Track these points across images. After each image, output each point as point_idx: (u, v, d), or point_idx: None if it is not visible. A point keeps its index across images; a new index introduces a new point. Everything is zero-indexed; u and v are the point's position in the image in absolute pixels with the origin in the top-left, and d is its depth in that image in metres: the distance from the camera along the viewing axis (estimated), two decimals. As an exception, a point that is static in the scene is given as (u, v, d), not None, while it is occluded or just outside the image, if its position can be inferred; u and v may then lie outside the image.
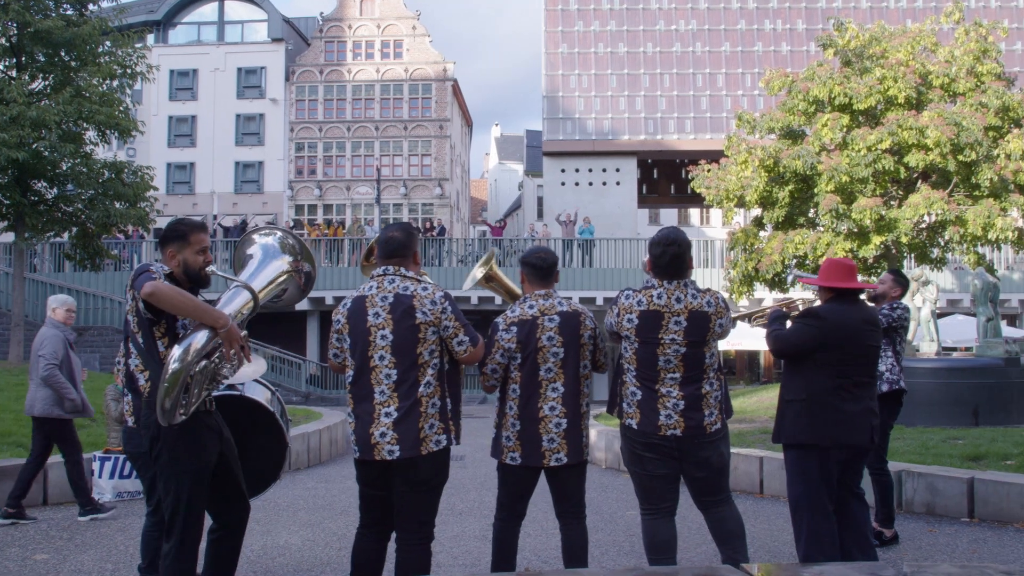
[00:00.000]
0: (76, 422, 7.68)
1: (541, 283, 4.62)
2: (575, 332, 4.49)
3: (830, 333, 4.56)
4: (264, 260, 4.38)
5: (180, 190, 37.77)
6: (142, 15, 36.75)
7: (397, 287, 4.12)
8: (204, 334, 3.79)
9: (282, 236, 4.54)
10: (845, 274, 4.73)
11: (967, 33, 17.29)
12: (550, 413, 4.41)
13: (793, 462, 4.70)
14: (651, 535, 4.39)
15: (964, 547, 6.05)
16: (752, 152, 17.20)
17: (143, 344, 3.95)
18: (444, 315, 4.10)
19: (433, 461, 4.07)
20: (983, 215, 15.83)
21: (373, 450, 4.02)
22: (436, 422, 4.06)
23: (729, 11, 33.91)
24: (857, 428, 4.59)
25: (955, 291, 26.92)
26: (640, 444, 4.34)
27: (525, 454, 4.43)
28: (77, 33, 17.29)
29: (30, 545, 6.29)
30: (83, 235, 18.80)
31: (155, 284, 3.74)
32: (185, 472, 3.93)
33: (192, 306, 3.81)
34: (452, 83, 38.92)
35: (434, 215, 37.25)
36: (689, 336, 4.27)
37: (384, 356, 4.05)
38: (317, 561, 5.86)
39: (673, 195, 36.86)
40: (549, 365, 4.43)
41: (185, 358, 3.72)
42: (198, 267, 4.06)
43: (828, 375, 4.56)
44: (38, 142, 16.93)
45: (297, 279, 4.48)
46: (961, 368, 11.92)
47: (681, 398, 4.27)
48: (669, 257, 4.30)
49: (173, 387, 3.69)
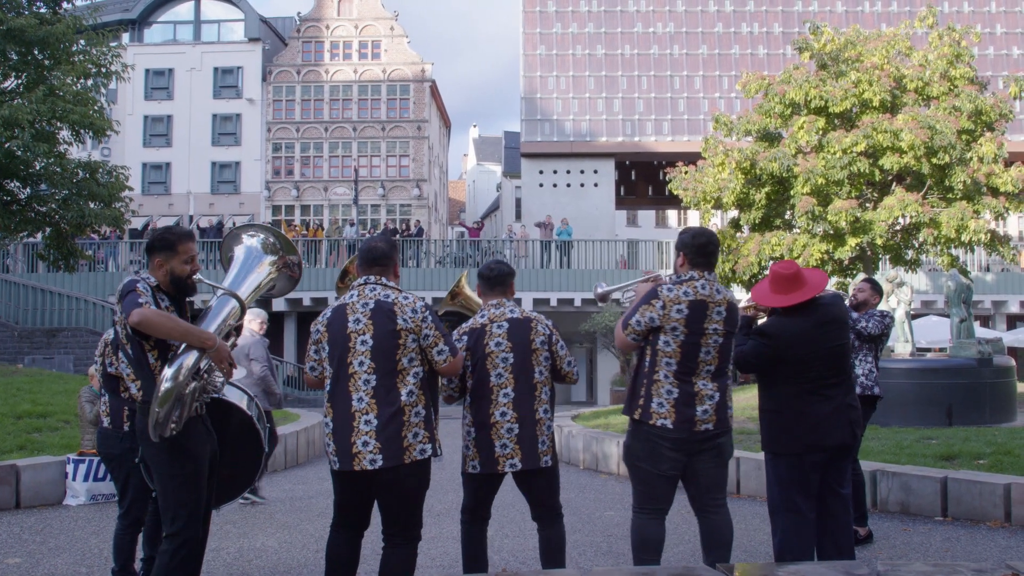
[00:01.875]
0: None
1: (492, 293, 4.70)
2: (525, 338, 4.53)
3: (783, 348, 4.56)
4: (248, 262, 4.41)
5: (156, 190, 37.45)
6: (117, 14, 36.40)
7: (378, 294, 4.13)
8: (193, 355, 3.89)
9: (263, 237, 4.55)
10: (784, 285, 4.63)
11: (940, 38, 17.46)
12: (501, 419, 4.43)
13: (768, 467, 4.76)
14: (643, 533, 4.40)
15: (938, 545, 6.11)
16: (729, 154, 17.29)
17: (133, 355, 3.99)
18: (424, 324, 4.10)
19: (417, 471, 4.05)
20: (956, 217, 15.99)
21: (354, 460, 3.97)
22: (421, 431, 4.04)
23: (706, 14, 34.09)
24: (832, 428, 4.60)
25: (929, 292, 27.20)
26: (670, 442, 4.32)
27: (483, 461, 4.46)
28: (51, 31, 17.09)
29: (2, 549, 6.22)
30: (57, 235, 18.59)
31: (142, 313, 3.80)
32: (180, 475, 3.97)
33: (180, 331, 3.90)
34: (430, 84, 38.85)
35: (412, 216, 37.16)
36: (727, 326, 4.38)
37: (364, 362, 4.03)
38: (294, 563, 5.83)
39: (651, 197, 36.98)
40: (499, 371, 4.47)
41: (176, 378, 3.83)
42: (185, 276, 4.09)
43: (792, 384, 4.59)
44: (11, 141, 16.71)
45: (288, 272, 4.52)
46: (935, 369, 12.04)
47: (716, 390, 4.35)
48: (714, 246, 4.46)
49: (165, 403, 3.81)
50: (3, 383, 13.36)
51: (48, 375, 15.99)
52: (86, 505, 7.89)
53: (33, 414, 10.76)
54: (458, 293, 5.29)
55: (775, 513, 4.70)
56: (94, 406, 7.95)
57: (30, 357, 22.67)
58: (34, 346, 23.76)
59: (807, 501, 4.62)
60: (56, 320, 24.95)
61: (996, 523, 6.64)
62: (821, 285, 4.69)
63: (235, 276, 4.36)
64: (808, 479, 4.59)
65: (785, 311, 4.65)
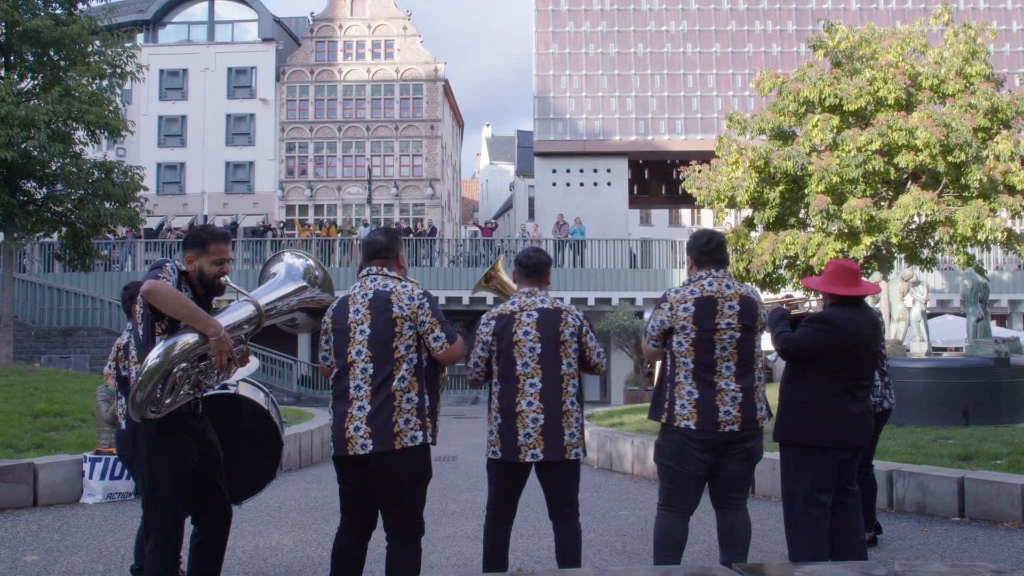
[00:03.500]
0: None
1: (527, 281, 4.71)
2: (554, 329, 4.54)
3: (842, 338, 4.59)
4: (282, 281, 4.40)
5: (170, 190, 37.64)
6: (132, 15, 36.59)
7: (378, 284, 4.19)
8: (192, 337, 3.83)
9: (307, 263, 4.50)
10: (850, 279, 4.73)
11: (956, 35, 17.36)
12: (527, 408, 4.44)
13: (792, 460, 4.72)
14: (666, 531, 4.43)
15: (955, 546, 6.07)
16: (743, 153, 17.24)
17: (142, 337, 3.98)
18: (421, 310, 4.13)
19: (408, 457, 4.05)
20: (972, 216, 15.90)
21: (347, 444, 4.04)
22: (412, 417, 4.06)
23: (720, 12, 33.99)
24: (858, 429, 4.66)
25: (945, 291, 27.05)
26: (696, 443, 4.35)
27: (504, 448, 4.47)
28: (66, 32, 17.19)
29: (20, 547, 6.26)
30: (73, 235, 18.69)
31: (154, 283, 3.81)
32: (161, 471, 3.94)
33: (185, 311, 3.85)
34: (443, 83, 38.89)
35: (425, 215, 37.22)
36: (742, 320, 4.39)
37: (361, 351, 4.08)
38: (309, 562, 5.85)
39: (664, 196, 36.93)
40: (526, 360, 4.48)
41: (167, 355, 3.75)
42: (213, 276, 4.11)
43: (834, 378, 4.60)
44: (27, 142, 16.81)
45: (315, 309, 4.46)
46: (951, 368, 11.96)
47: (740, 390, 4.35)
48: (716, 244, 4.50)
49: (147, 382, 3.72)
50: (20, 382, 13.45)
51: (65, 374, 16.07)
52: (103, 503, 7.94)
53: (50, 413, 10.82)
54: (493, 276, 5.29)
55: (792, 507, 4.67)
56: (110, 405, 8.01)
57: (47, 356, 22.83)
58: (51, 345, 23.93)
59: (828, 497, 4.63)
60: (72, 319, 25.11)
61: (1014, 524, 6.59)
62: (874, 290, 4.89)
63: (264, 289, 4.37)
64: (831, 475, 4.62)
65: (842, 304, 4.72)
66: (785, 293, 6.11)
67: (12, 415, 10.45)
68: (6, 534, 6.68)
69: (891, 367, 6.43)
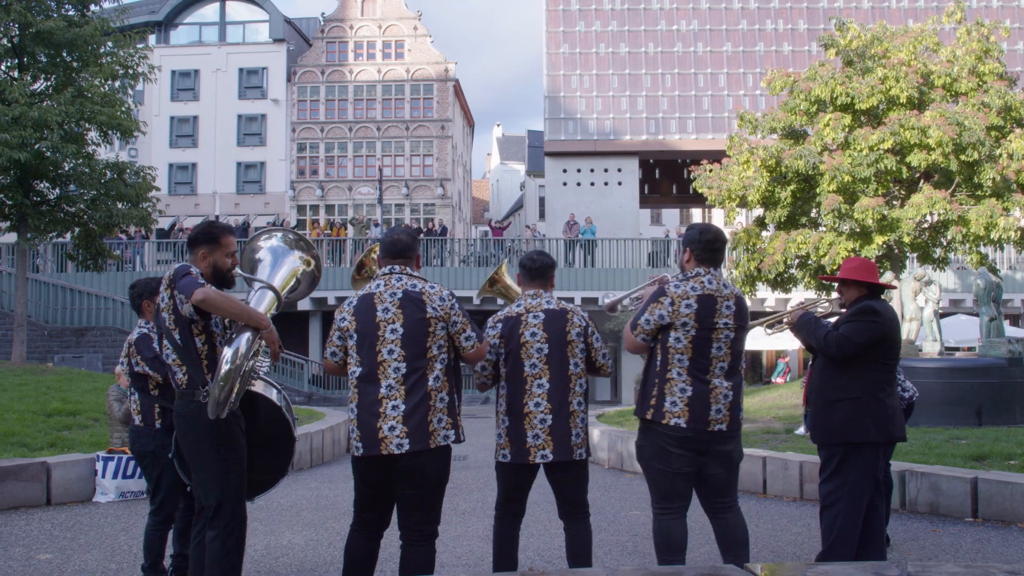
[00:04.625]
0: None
1: (531, 283, 4.73)
2: (560, 329, 4.56)
3: (888, 327, 4.70)
4: (277, 259, 4.56)
5: (182, 190, 37.78)
6: (144, 16, 36.76)
7: (405, 284, 4.20)
8: (249, 335, 4.03)
9: (282, 235, 4.72)
10: (873, 272, 4.88)
11: (969, 33, 17.26)
12: (535, 409, 4.45)
13: (838, 459, 4.69)
14: (665, 534, 4.38)
15: (968, 547, 6.05)
16: (754, 152, 17.18)
17: (180, 341, 4.11)
18: (453, 311, 4.18)
19: (439, 456, 4.10)
20: (985, 215, 15.81)
21: (380, 444, 4.02)
22: (445, 416, 4.10)
23: (730, 11, 33.90)
24: (901, 422, 4.79)
25: (958, 291, 26.91)
26: (678, 441, 4.29)
27: (514, 451, 4.48)
28: (79, 34, 17.28)
29: (34, 545, 6.30)
30: (85, 235, 18.78)
31: (205, 291, 3.96)
32: (233, 462, 4.13)
33: (239, 310, 4.05)
34: (454, 83, 38.92)
35: (436, 215, 37.26)
36: (737, 321, 4.38)
37: (393, 350, 4.08)
38: (320, 561, 5.86)
39: (675, 195, 36.84)
40: (533, 361, 4.49)
41: (235, 359, 3.95)
42: (227, 268, 4.25)
43: (881, 371, 4.69)
44: (40, 143, 16.91)
45: (315, 272, 4.67)
46: (964, 368, 11.91)
47: (729, 388, 4.33)
48: (722, 243, 4.48)
49: (227, 384, 3.94)
50: (34, 381, 13.53)
51: (77, 374, 16.17)
52: (115, 502, 7.98)
53: (63, 412, 10.89)
54: (497, 280, 5.31)
55: (836, 508, 4.65)
56: (122, 404, 8.03)
57: (60, 356, 22.95)
58: (63, 345, 24.05)
59: (872, 492, 4.68)
60: (85, 319, 25.23)
61: (1027, 524, 6.56)
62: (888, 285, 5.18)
63: (269, 271, 4.51)
64: (877, 471, 4.65)
65: (870, 297, 4.84)
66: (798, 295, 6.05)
67: (26, 414, 10.52)
68: (20, 532, 6.72)
69: (903, 367, 6.42)
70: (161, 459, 5.04)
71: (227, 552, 4.07)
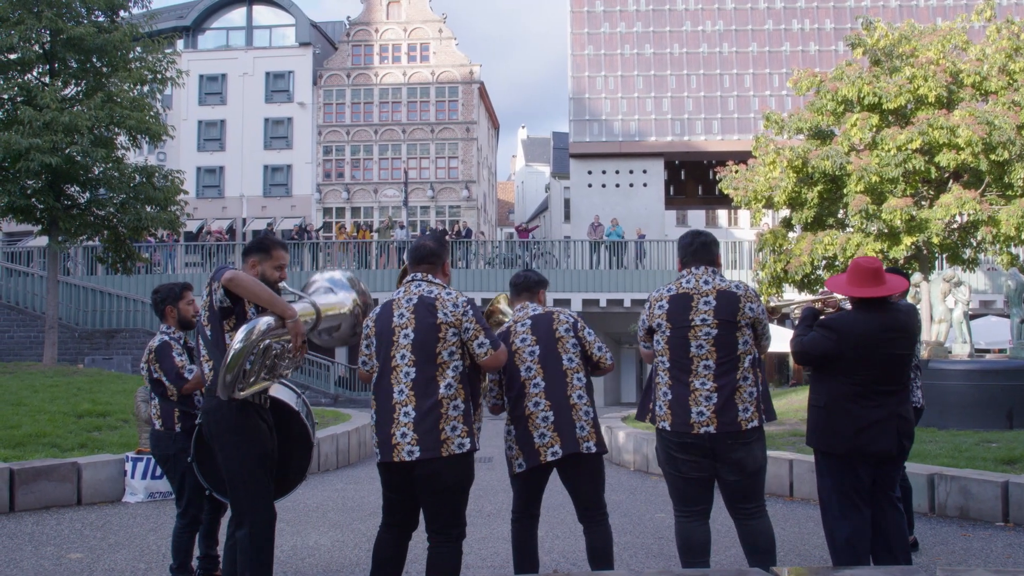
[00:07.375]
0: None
1: (519, 298, 4.83)
2: (548, 328, 4.62)
3: (845, 344, 4.45)
4: (330, 288, 4.72)
5: (210, 194, 38.11)
6: (172, 21, 37.14)
7: (422, 290, 4.20)
8: (269, 319, 4.10)
9: (344, 272, 4.87)
10: (869, 278, 4.51)
11: (999, 31, 17.06)
12: (535, 409, 4.48)
13: (818, 466, 4.70)
14: (685, 538, 4.37)
15: (998, 551, 5.97)
16: (780, 153, 17.08)
17: (211, 336, 4.25)
18: (465, 317, 4.14)
19: (455, 464, 4.04)
20: (1016, 215, 15.61)
21: (393, 451, 4.02)
22: (459, 424, 4.05)
23: (756, 11, 33.73)
24: (879, 435, 4.46)
25: (988, 292, 26.58)
26: (674, 445, 4.33)
27: (526, 456, 4.49)
28: (108, 39, 17.51)
29: (65, 544, 6.38)
30: (115, 239, 19.02)
31: (235, 272, 4.13)
32: (252, 456, 4.19)
33: (266, 295, 4.15)
34: (478, 85, 38.99)
35: (461, 217, 37.32)
36: (719, 315, 4.28)
37: (405, 355, 4.09)
38: (347, 562, 5.89)
39: (701, 196, 36.70)
40: (528, 364, 4.55)
41: (248, 338, 4.01)
42: (274, 280, 4.37)
43: (845, 383, 4.47)
44: (71, 147, 17.16)
45: (358, 316, 4.69)
46: (995, 370, 11.76)
47: (715, 390, 4.24)
48: (698, 244, 4.47)
49: (235, 364, 3.98)
50: (64, 383, 13.70)
51: (107, 375, 16.35)
52: (144, 502, 8.06)
53: (93, 413, 11.02)
54: (493, 311, 5.23)
55: (826, 513, 4.62)
56: (149, 405, 8.13)
57: (90, 357, 23.22)
58: (94, 347, 24.32)
59: (861, 500, 4.53)
60: (115, 321, 25.51)
61: (1060, 529, 6.47)
62: (899, 288, 4.61)
63: (319, 293, 4.66)
64: (860, 477, 4.51)
65: (856, 308, 4.58)
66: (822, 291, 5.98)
67: (57, 415, 10.66)
68: (52, 532, 6.81)
69: (932, 369, 6.34)
70: (181, 462, 5.11)
71: (258, 549, 4.14)
